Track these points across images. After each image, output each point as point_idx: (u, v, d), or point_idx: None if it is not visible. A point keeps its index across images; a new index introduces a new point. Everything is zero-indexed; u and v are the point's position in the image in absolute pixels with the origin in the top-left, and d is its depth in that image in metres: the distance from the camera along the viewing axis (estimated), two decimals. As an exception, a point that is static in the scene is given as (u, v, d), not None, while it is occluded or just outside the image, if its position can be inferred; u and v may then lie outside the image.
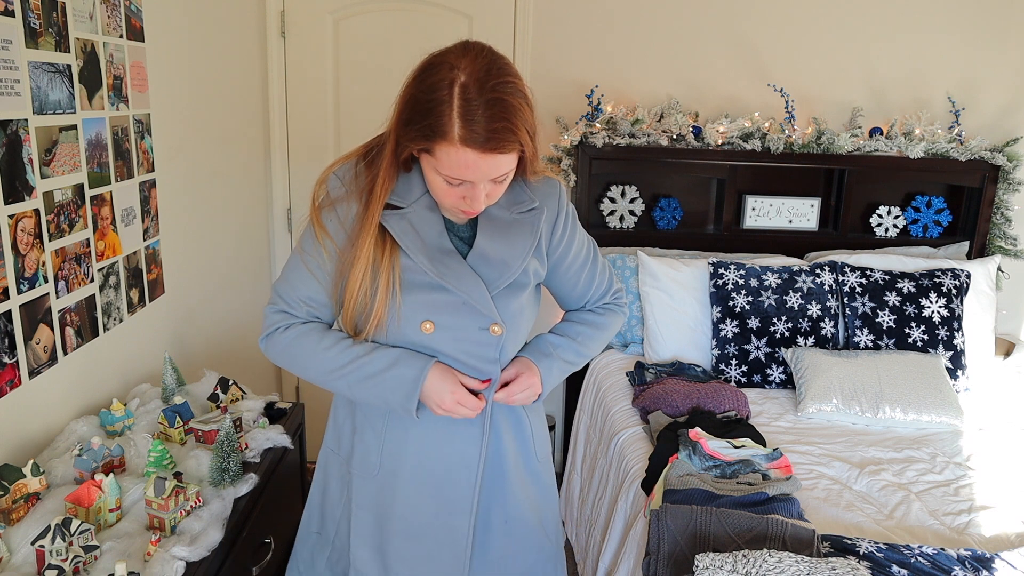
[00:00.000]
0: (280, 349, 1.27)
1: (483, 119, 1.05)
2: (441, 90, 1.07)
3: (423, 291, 1.21)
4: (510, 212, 1.27)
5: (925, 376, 2.40)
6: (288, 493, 1.86)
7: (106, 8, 1.71)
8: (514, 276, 1.25)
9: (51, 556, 1.19)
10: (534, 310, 1.36)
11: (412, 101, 1.11)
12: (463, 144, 1.07)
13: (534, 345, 1.38)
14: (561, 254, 1.36)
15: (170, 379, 1.84)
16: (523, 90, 1.10)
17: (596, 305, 1.46)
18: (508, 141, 1.08)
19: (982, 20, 2.96)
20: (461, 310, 1.22)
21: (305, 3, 2.86)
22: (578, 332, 1.40)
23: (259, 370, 2.96)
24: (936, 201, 3.06)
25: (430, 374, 1.21)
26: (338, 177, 1.24)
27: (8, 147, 1.38)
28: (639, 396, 2.39)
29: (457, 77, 1.07)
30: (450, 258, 1.22)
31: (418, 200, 1.23)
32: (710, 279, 2.69)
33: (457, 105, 1.06)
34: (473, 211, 1.18)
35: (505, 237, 1.26)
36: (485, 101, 1.05)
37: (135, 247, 1.89)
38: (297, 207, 3.05)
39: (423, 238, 1.21)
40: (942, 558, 1.59)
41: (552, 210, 1.32)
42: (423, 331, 1.22)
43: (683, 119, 2.85)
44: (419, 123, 1.09)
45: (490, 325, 1.24)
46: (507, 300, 1.26)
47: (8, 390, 1.42)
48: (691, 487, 1.78)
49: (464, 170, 1.10)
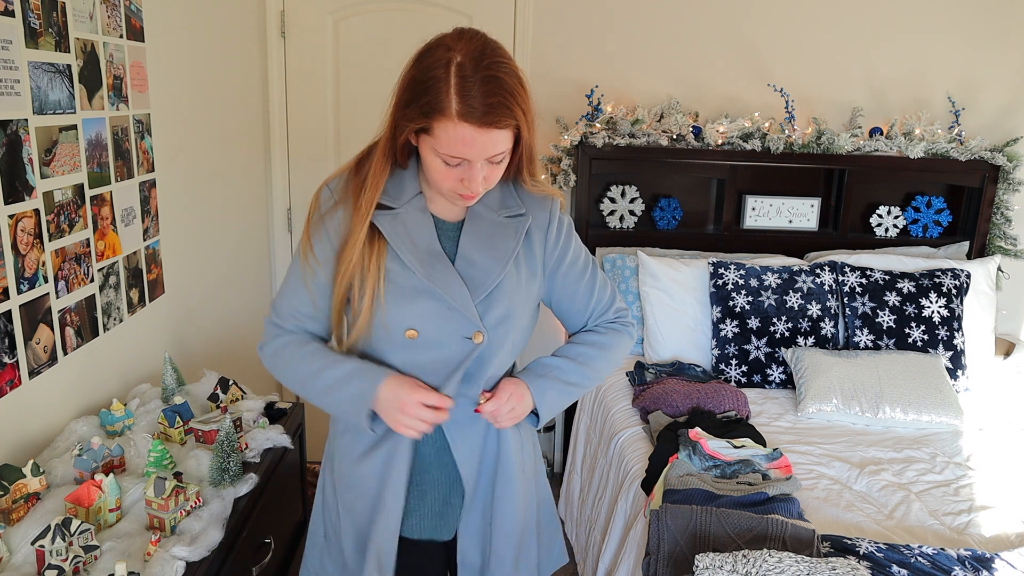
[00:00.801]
0: (268, 359, 1.30)
1: (479, 95, 1.08)
2: (438, 69, 1.10)
3: (409, 296, 1.21)
4: (497, 214, 1.27)
5: (925, 376, 2.40)
6: (288, 493, 1.86)
7: (106, 8, 1.71)
8: (495, 283, 1.24)
9: (51, 556, 1.19)
10: (523, 331, 1.32)
11: (411, 82, 1.14)
12: (460, 119, 1.09)
13: (529, 367, 1.35)
14: (556, 262, 1.34)
15: (170, 379, 1.84)
16: (516, 71, 1.13)
17: (599, 323, 1.42)
18: (504, 116, 1.10)
19: (982, 20, 2.96)
20: (446, 316, 1.22)
21: (305, 3, 2.86)
22: (578, 352, 1.36)
23: (259, 370, 2.95)
24: (936, 201, 3.06)
25: (384, 385, 1.19)
26: (330, 189, 1.25)
27: (8, 147, 1.38)
28: (639, 396, 2.39)
29: (454, 57, 1.10)
30: (439, 261, 1.22)
31: (410, 201, 1.23)
32: (710, 279, 2.69)
33: (454, 83, 1.09)
34: (471, 195, 1.19)
35: (490, 240, 1.26)
36: (481, 78, 1.09)
37: (135, 247, 1.89)
38: (297, 207, 3.05)
39: (414, 239, 1.22)
40: (942, 558, 1.59)
41: (542, 220, 1.31)
42: (406, 338, 1.22)
43: (683, 119, 2.85)
44: (418, 102, 1.12)
45: (473, 332, 1.23)
46: (490, 306, 1.24)
47: (8, 390, 1.42)
48: (691, 487, 1.79)
49: (462, 146, 1.11)
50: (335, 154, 3.01)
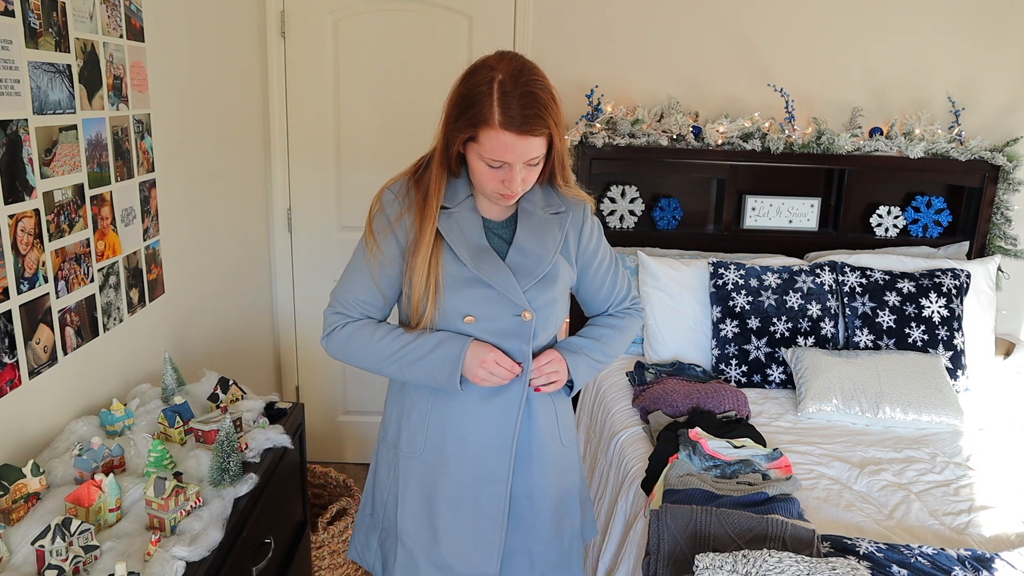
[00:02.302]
0: (338, 345, 1.47)
1: (518, 107, 1.28)
2: (483, 85, 1.30)
3: (463, 286, 1.40)
4: (543, 211, 1.48)
5: (925, 376, 2.40)
6: (288, 493, 1.86)
7: (106, 8, 1.71)
8: (546, 269, 1.44)
9: (51, 556, 1.19)
10: (564, 309, 1.53)
11: (459, 98, 1.34)
12: (502, 128, 1.29)
13: (561, 344, 1.55)
14: (587, 260, 1.56)
15: (170, 379, 1.84)
16: (549, 87, 1.33)
17: (617, 309, 1.64)
18: (538, 125, 1.30)
19: (982, 20, 2.96)
20: (496, 300, 1.41)
21: (305, 3, 2.86)
22: (601, 334, 1.58)
23: (259, 370, 2.97)
24: (936, 201, 3.06)
25: (470, 349, 1.40)
26: (392, 192, 1.45)
27: (8, 147, 1.38)
28: (639, 396, 2.39)
29: (496, 75, 1.30)
30: (487, 254, 1.42)
31: (463, 202, 1.44)
32: (710, 279, 2.69)
33: (496, 97, 1.29)
34: (511, 194, 1.38)
35: (539, 233, 1.46)
36: (519, 93, 1.28)
37: (135, 247, 1.89)
38: (297, 207, 3.05)
39: (465, 236, 1.42)
40: (942, 558, 1.59)
41: (578, 218, 1.53)
42: (464, 323, 1.42)
43: (683, 119, 2.85)
44: (466, 115, 1.32)
45: (522, 312, 1.42)
46: (538, 292, 1.44)
47: (8, 390, 1.42)
48: (691, 487, 1.79)
49: (503, 151, 1.31)
50: (335, 154, 3.01)
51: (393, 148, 2.96)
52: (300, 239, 3.09)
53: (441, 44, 2.91)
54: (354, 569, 2.48)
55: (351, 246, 3.08)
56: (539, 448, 1.52)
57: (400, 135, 2.96)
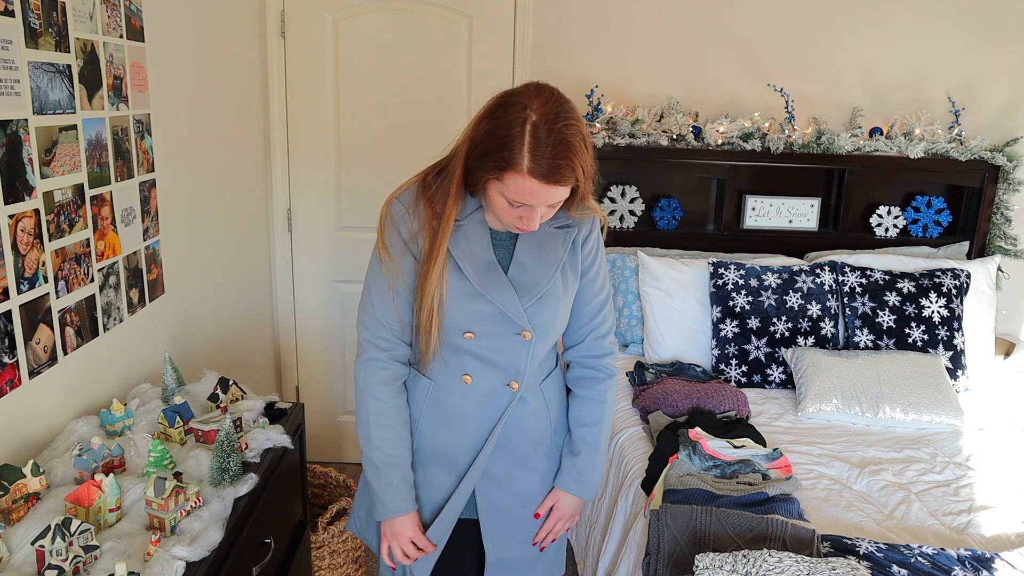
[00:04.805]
0: (359, 382, 1.45)
1: (548, 156, 1.21)
2: (515, 127, 1.23)
3: (466, 300, 1.37)
4: (548, 225, 1.42)
5: (925, 376, 2.40)
6: (288, 493, 1.86)
7: (106, 8, 1.71)
8: (546, 287, 1.40)
9: (51, 556, 1.19)
10: (563, 323, 1.50)
11: (488, 136, 1.26)
12: (529, 175, 1.23)
13: (565, 471, 1.54)
14: (585, 268, 1.49)
15: (170, 379, 1.84)
16: (584, 132, 1.26)
17: (588, 359, 1.55)
18: (567, 176, 1.24)
19: (982, 20, 2.96)
20: (497, 319, 1.39)
21: (305, 3, 2.86)
22: (593, 435, 1.55)
23: (259, 370, 2.97)
24: (936, 201, 3.06)
25: (393, 520, 1.45)
26: (401, 202, 1.40)
27: (8, 147, 1.38)
28: (639, 396, 2.39)
29: (529, 116, 1.22)
30: (493, 271, 1.38)
31: (472, 215, 1.39)
32: (710, 279, 2.69)
33: (528, 141, 1.22)
34: (527, 229, 1.34)
35: (541, 249, 1.41)
36: (553, 141, 1.21)
37: (135, 247, 1.89)
38: (297, 207, 3.05)
39: (473, 251, 1.38)
40: (942, 558, 1.59)
41: (584, 231, 1.47)
42: (465, 339, 1.40)
43: (683, 119, 2.85)
44: (492, 156, 1.25)
45: (522, 331, 1.40)
46: (538, 309, 1.40)
47: (8, 390, 1.42)
48: (691, 487, 1.79)
49: (527, 195, 1.26)
50: (335, 154, 3.01)
51: (393, 148, 2.97)
52: (300, 239, 3.09)
53: (441, 44, 2.91)
54: (354, 569, 2.48)
55: (351, 246, 3.12)
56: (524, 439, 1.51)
57: (400, 135, 2.96)
